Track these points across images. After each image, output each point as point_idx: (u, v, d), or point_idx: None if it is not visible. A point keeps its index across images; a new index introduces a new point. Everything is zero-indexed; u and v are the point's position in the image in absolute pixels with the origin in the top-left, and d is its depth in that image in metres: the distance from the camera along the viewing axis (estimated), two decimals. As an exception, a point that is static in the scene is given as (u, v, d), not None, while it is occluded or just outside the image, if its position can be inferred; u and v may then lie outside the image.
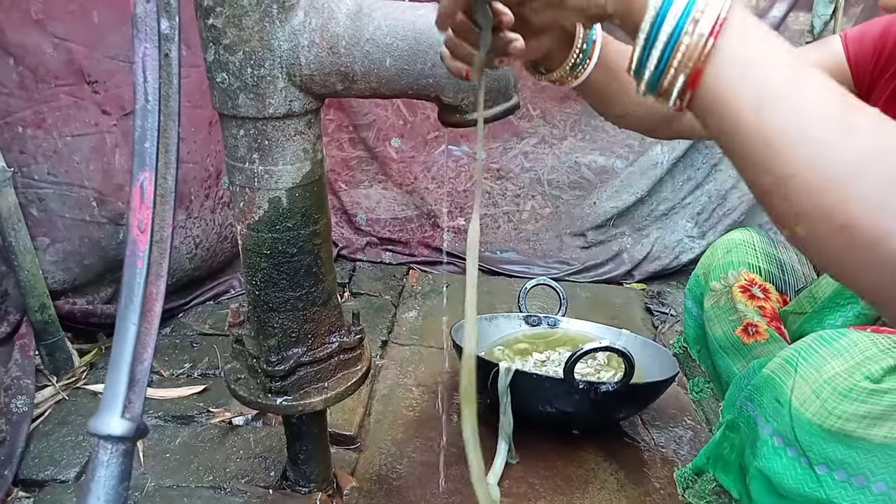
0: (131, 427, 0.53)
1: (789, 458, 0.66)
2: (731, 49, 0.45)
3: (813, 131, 0.44)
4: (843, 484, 0.63)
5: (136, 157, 0.56)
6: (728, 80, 0.45)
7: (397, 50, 0.78)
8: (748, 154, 0.46)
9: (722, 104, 0.46)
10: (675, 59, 0.46)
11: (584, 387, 1.21)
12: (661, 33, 0.46)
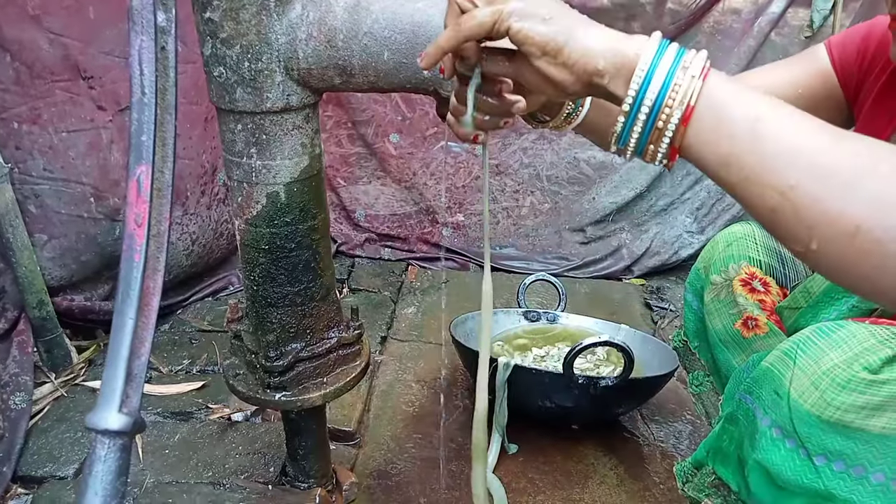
0: (128, 422, 0.53)
1: (788, 449, 0.66)
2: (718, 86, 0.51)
3: (807, 141, 0.49)
4: (842, 475, 0.63)
5: (133, 150, 0.55)
6: (719, 110, 0.51)
7: (395, 43, 0.78)
8: (749, 176, 0.50)
9: (715, 133, 0.51)
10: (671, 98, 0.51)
11: (583, 382, 1.21)
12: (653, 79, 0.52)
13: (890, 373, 0.63)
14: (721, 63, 2.00)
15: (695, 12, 2.00)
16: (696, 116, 0.51)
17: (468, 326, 1.54)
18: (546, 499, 1.20)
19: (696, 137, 0.52)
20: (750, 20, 2.01)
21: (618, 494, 1.22)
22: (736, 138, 0.50)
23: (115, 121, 1.51)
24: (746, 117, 0.50)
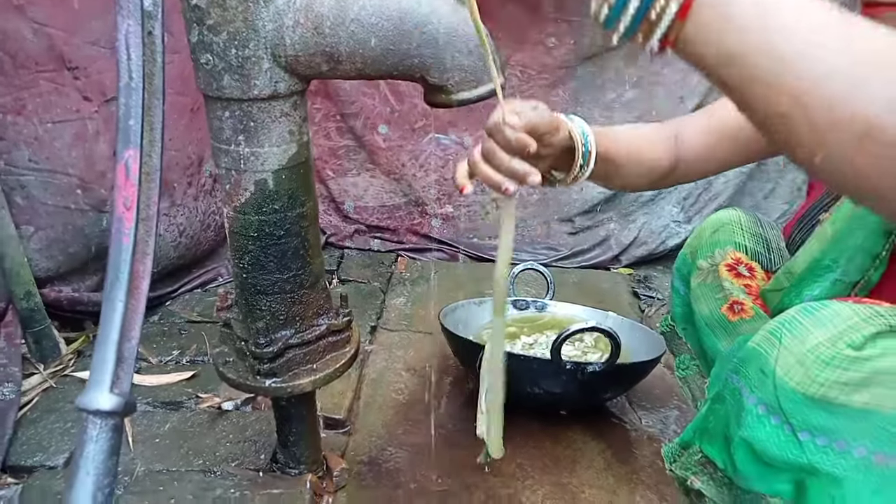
0: (120, 402, 0.53)
1: (773, 425, 0.67)
2: None
3: (825, 39, 0.44)
4: (825, 449, 0.65)
5: (121, 134, 0.56)
6: (724, 7, 0.45)
7: (382, 30, 0.78)
8: (759, 76, 0.45)
9: (723, 27, 0.45)
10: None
11: (571, 367, 1.22)
12: None
13: (872, 349, 0.64)
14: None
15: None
16: (695, 10, 0.46)
17: (457, 315, 1.55)
18: (535, 483, 1.22)
19: (694, 32, 0.47)
20: None
21: (605, 478, 1.24)
22: (745, 34, 0.45)
23: (102, 111, 1.51)
24: (757, 8, 0.45)
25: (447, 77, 0.81)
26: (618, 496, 1.20)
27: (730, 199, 2.13)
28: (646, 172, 0.95)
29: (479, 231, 2.27)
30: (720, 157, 0.99)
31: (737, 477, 0.73)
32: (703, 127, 0.98)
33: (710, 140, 0.97)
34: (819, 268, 0.88)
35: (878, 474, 0.63)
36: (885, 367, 0.63)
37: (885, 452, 0.63)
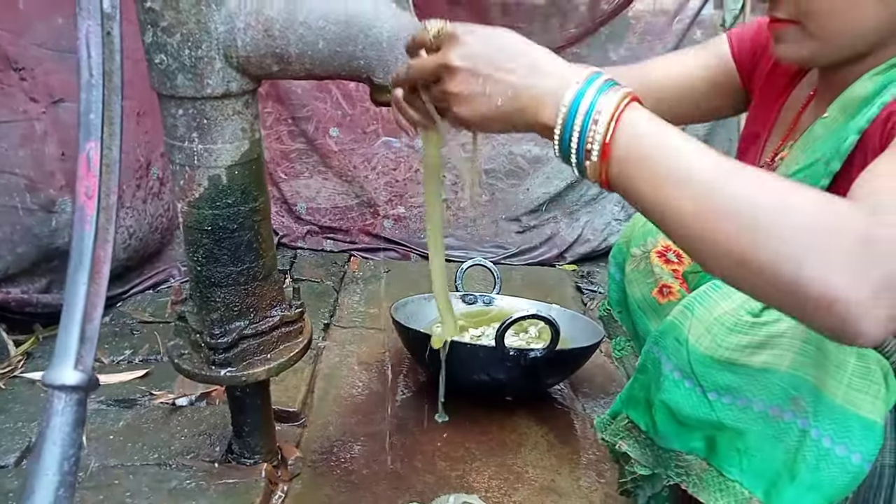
0: (84, 378, 0.57)
1: (687, 388, 0.75)
2: (631, 135, 0.57)
3: (707, 180, 0.55)
4: (730, 406, 0.73)
5: (82, 128, 0.59)
6: (631, 151, 0.57)
7: (330, 33, 0.84)
8: (663, 215, 0.57)
9: (633, 178, 0.57)
10: (592, 137, 0.58)
11: (514, 354, 1.29)
12: (572, 127, 0.59)
13: (769, 316, 0.73)
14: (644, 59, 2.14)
15: (615, 8, 2.12)
16: (612, 160, 0.58)
17: (408, 310, 1.61)
18: (482, 465, 1.28)
19: (616, 182, 0.59)
20: (671, 20, 2.14)
21: (548, 458, 1.31)
22: (649, 183, 0.57)
23: (49, 113, 1.51)
24: (660, 163, 0.56)
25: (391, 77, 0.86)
26: (560, 475, 1.27)
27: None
28: None
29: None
30: (678, 116, 1.05)
31: (657, 437, 0.81)
32: (635, 79, 1.04)
33: (668, 98, 1.05)
34: None
35: (773, 426, 0.72)
36: (779, 330, 0.71)
37: (780, 406, 0.71)
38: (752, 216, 0.52)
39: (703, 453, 0.78)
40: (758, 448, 0.73)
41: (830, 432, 0.71)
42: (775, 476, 0.73)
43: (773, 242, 0.51)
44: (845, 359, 0.73)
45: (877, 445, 0.70)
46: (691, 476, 0.79)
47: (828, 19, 0.76)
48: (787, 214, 0.52)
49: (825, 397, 0.71)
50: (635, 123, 0.57)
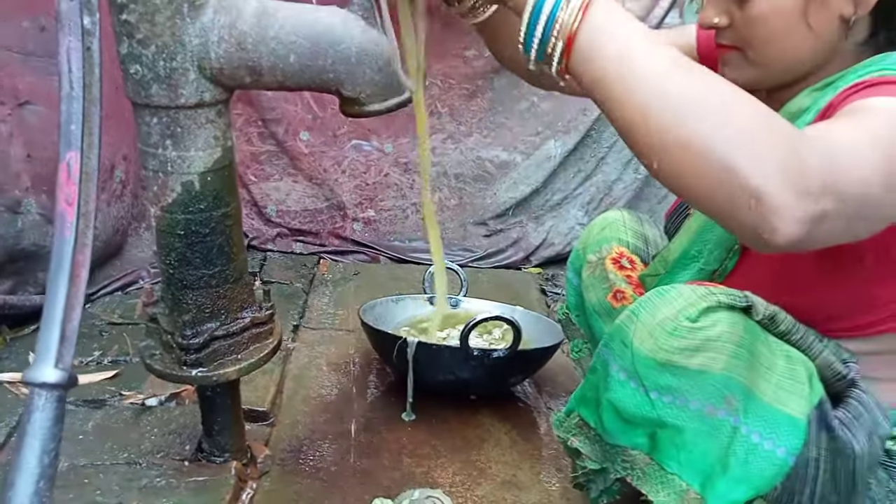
0: (64, 376, 0.60)
1: (631, 388, 0.81)
2: (597, 18, 0.61)
3: (661, 76, 0.59)
4: (670, 405, 0.79)
5: (63, 138, 0.63)
6: (595, 41, 0.61)
7: (300, 48, 0.87)
8: (614, 97, 0.61)
9: (591, 61, 0.61)
10: (555, 30, 0.62)
11: (477, 354, 1.34)
12: (541, 14, 0.62)
13: (705, 321, 0.79)
14: None
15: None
16: (575, 47, 0.62)
17: (377, 311, 1.65)
18: (447, 461, 1.33)
19: (575, 63, 0.63)
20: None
21: (510, 454, 1.36)
22: (607, 65, 0.61)
23: (15, 115, 1.52)
24: (617, 50, 0.60)
25: (359, 90, 0.91)
26: (521, 470, 1.32)
27: (628, 204, 2.33)
28: None
29: (399, 234, 2.37)
30: None
31: (605, 434, 0.87)
32: None
33: None
34: (686, 258, 1.03)
35: (708, 423, 0.78)
36: (713, 335, 0.77)
37: (714, 404, 0.77)
38: (704, 104, 0.57)
39: (646, 449, 0.84)
40: (694, 444, 0.79)
41: (759, 428, 0.77)
42: (710, 469, 0.79)
43: (721, 131, 0.56)
44: (775, 361, 0.80)
45: (800, 440, 0.77)
46: (636, 470, 0.85)
47: (766, 48, 0.83)
48: (736, 108, 0.58)
49: (755, 396, 0.78)
50: (601, 8, 0.62)
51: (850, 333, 0.85)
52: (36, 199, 1.59)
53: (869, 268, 0.78)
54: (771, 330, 0.84)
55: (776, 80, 0.86)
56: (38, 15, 1.52)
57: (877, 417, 0.83)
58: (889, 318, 0.83)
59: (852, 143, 0.61)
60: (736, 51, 0.86)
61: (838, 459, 0.80)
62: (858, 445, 0.80)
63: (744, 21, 0.82)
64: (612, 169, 2.32)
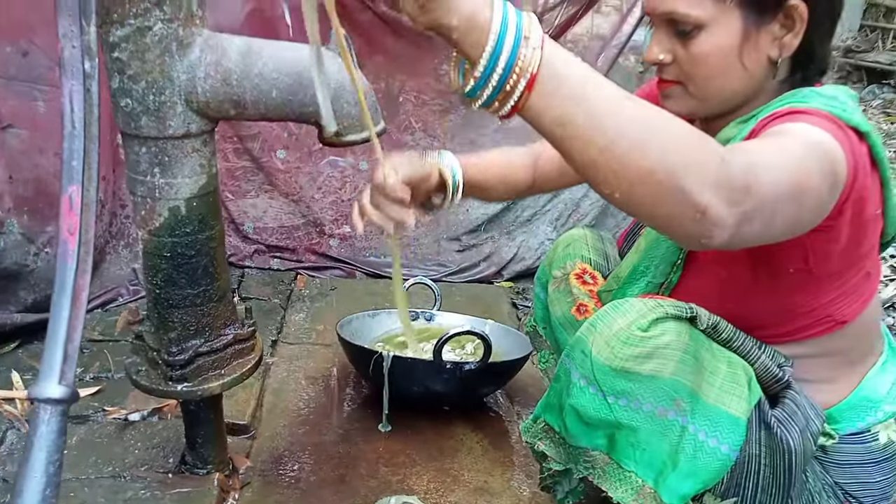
0: (67, 392, 0.66)
1: (591, 394, 0.88)
2: (555, 56, 0.62)
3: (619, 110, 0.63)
4: (626, 408, 0.87)
5: (65, 173, 0.68)
6: (555, 78, 0.62)
7: (282, 84, 0.94)
8: (577, 134, 0.63)
9: (552, 97, 0.62)
10: (517, 68, 0.61)
11: (450, 367, 1.41)
12: (503, 51, 0.60)
13: (654, 331, 0.87)
14: None
15: (554, 33, 2.27)
16: (538, 82, 0.61)
17: (353, 326, 1.70)
18: (421, 469, 1.39)
19: (537, 100, 0.62)
20: (606, 44, 2.31)
21: (482, 462, 1.43)
22: (568, 101, 0.62)
23: (-1, 137, 1.56)
24: (579, 84, 0.63)
25: (337, 122, 0.98)
26: (493, 476, 1.39)
27: (595, 220, 2.42)
28: (510, 190, 1.23)
29: (375, 249, 2.43)
30: (569, 179, 1.26)
31: (568, 436, 0.94)
32: (554, 155, 1.19)
33: (563, 167, 1.18)
34: (636, 273, 1.11)
35: (659, 423, 0.86)
36: (662, 343, 0.86)
37: (664, 406, 0.85)
38: (657, 136, 0.63)
39: (605, 449, 0.91)
40: (648, 443, 0.87)
41: (705, 427, 0.85)
42: (662, 465, 0.87)
43: (672, 158, 0.63)
44: (718, 366, 0.88)
45: (741, 438, 0.85)
46: (596, 469, 0.93)
47: (706, 83, 0.92)
48: (681, 137, 0.64)
49: (700, 399, 0.86)
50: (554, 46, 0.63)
51: (783, 339, 0.94)
52: (18, 219, 1.63)
53: (792, 276, 0.87)
54: (714, 338, 0.92)
55: (712, 111, 0.96)
56: (19, 40, 1.57)
57: (809, 415, 0.91)
58: (814, 323, 0.92)
59: (768, 155, 0.71)
60: (678, 85, 0.95)
61: (776, 454, 0.89)
62: (794, 441, 0.89)
63: (687, 59, 0.91)
64: (578, 186, 2.41)
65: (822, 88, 0.90)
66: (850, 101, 0.88)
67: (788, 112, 0.82)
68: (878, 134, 0.84)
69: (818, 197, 0.74)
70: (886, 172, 0.86)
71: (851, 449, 0.98)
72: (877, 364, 1.00)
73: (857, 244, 0.87)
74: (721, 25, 0.87)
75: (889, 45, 6.48)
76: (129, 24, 0.87)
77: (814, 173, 0.72)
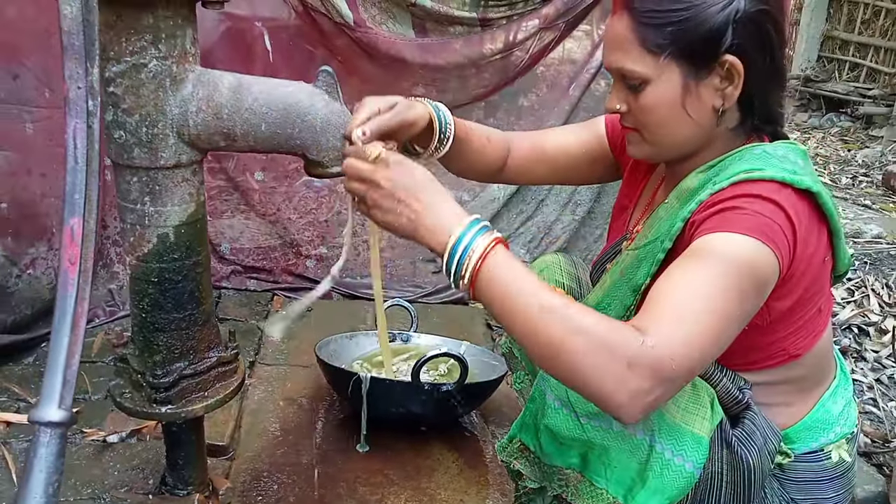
0: (66, 415, 0.68)
1: (564, 414, 0.93)
2: (494, 262, 0.83)
3: (532, 317, 0.80)
4: (597, 427, 0.92)
5: (67, 206, 0.72)
6: (489, 282, 0.83)
7: (271, 118, 0.99)
8: (503, 323, 0.85)
9: (486, 291, 0.84)
10: (464, 268, 0.83)
11: (428, 388, 1.45)
12: (455, 255, 0.84)
13: None
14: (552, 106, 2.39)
15: (530, 60, 2.34)
16: (477, 283, 0.84)
17: (331, 348, 1.74)
18: (399, 489, 1.42)
19: (475, 292, 0.85)
20: (580, 69, 2.38)
21: (458, 481, 1.47)
22: (493, 303, 0.84)
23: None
24: (502, 293, 0.83)
25: (323, 155, 1.02)
26: (468, 495, 1.43)
27: (567, 242, 2.49)
28: (483, 166, 1.27)
29: (351, 271, 2.46)
30: (538, 174, 1.33)
31: (543, 455, 0.99)
32: (528, 149, 1.30)
33: (531, 161, 1.30)
34: (599, 308, 1.17)
35: (629, 442, 0.91)
36: None
37: (633, 426, 0.91)
38: (560, 344, 0.79)
39: (578, 467, 0.96)
40: (618, 461, 0.92)
41: (671, 446, 0.91)
42: (631, 482, 0.92)
43: (577, 374, 0.79)
44: (682, 388, 0.94)
45: (704, 456, 0.91)
46: (570, 487, 0.97)
47: (656, 130, 1.00)
48: (586, 340, 0.78)
49: (666, 418, 0.91)
50: (495, 264, 0.83)
51: (741, 368, 1.01)
52: (2, 241, 1.63)
53: (754, 326, 0.94)
54: None
55: (669, 156, 1.04)
56: (11, 65, 1.59)
57: (767, 435, 0.97)
58: (770, 356, 0.99)
59: (682, 335, 0.80)
60: (635, 131, 1.03)
61: (737, 472, 0.95)
62: (753, 459, 0.95)
63: (637, 109, 0.99)
64: (551, 210, 2.49)
65: (774, 148, 0.97)
66: (801, 159, 0.96)
67: (726, 205, 0.88)
68: (827, 191, 0.92)
69: (741, 318, 0.85)
70: (836, 224, 0.93)
71: (806, 467, 1.05)
72: (829, 388, 1.07)
73: (806, 290, 0.94)
74: (663, 80, 0.95)
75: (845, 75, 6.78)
76: (125, 62, 0.91)
77: (733, 307, 0.83)
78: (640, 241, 1.02)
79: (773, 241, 0.85)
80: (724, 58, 0.92)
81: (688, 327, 0.80)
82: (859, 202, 3.94)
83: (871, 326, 2.26)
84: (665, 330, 0.79)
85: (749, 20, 0.92)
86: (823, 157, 5.14)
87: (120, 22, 0.91)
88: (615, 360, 0.77)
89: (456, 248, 0.83)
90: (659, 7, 0.92)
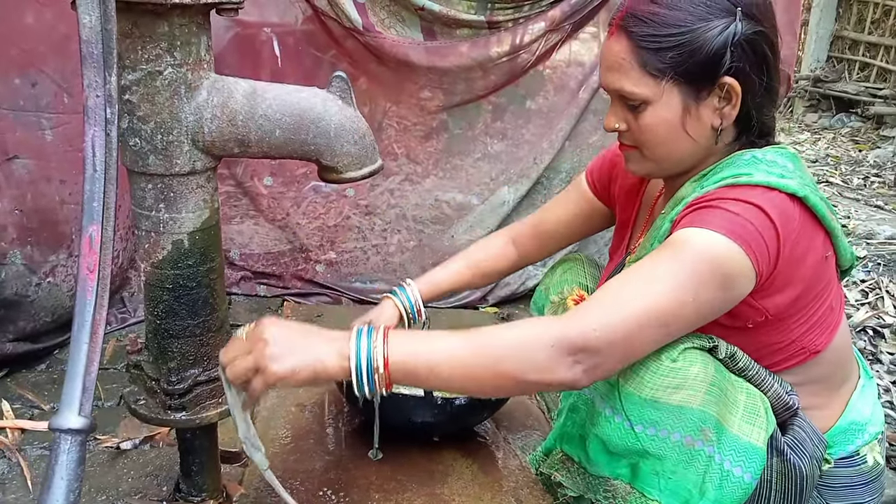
0: (86, 422, 0.68)
1: (617, 423, 0.93)
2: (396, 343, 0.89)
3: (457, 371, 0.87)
4: (653, 437, 0.91)
5: (86, 213, 0.72)
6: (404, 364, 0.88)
7: (285, 124, 0.99)
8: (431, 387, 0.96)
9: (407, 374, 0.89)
10: (374, 365, 0.88)
11: (441, 402, 1.44)
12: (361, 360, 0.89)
13: (684, 361, 0.91)
14: (562, 109, 2.38)
15: (535, 62, 2.34)
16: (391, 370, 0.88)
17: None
18: (412, 495, 1.42)
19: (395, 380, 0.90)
20: (588, 73, 2.37)
21: (472, 487, 1.46)
22: (420, 378, 0.89)
23: (3, 169, 1.57)
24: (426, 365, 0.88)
25: (337, 161, 1.02)
26: (483, 501, 1.42)
27: (577, 246, 2.48)
28: (493, 278, 1.48)
29: (361, 275, 2.46)
30: (551, 248, 1.42)
31: (590, 465, 0.98)
32: (531, 233, 1.40)
33: (539, 246, 1.41)
34: None
35: (686, 452, 0.90)
36: (692, 373, 0.90)
37: (692, 436, 0.90)
38: (495, 374, 0.85)
39: (626, 478, 0.95)
40: (674, 472, 0.91)
41: (730, 457, 0.90)
42: (688, 494, 0.91)
43: (516, 376, 0.84)
44: (737, 396, 0.93)
45: (761, 465, 0.90)
46: (617, 498, 0.96)
47: (656, 149, 1.01)
48: (515, 359, 0.84)
49: (725, 428, 0.91)
50: (398, 351, 0.88)
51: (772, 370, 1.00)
52: (21, 250, 1.64)
53: (756, 327, 0.94)
54: (730, 367, 0.97)
55: (667, 172, 1.06)
56: (29, 72, 1.59)
57: (815, 441, 0.97)
58: (791, 356, 0.98)
59: (604, 309, 0.86)
60: (634, 149, 1.03)
61: (788, 480, 0.95)
62: (805, 467, 0.94)
63: (637, 128, 1.00)
64: (561, 214, 2.48)
65: (763, 153, 0.97)
66: (790, 162, 0.96)
67: (708, 203, 0.90)
68: (815, 193, 0.92)
69: (696, 306, 0.87)
70: (831, 223, 0.93)
71: (844, 473, 1.04)
72: (857, 388, 1.07)
73: (810, 288, 0.94)
74: (663, 102, 0.96)
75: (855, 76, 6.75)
76: (140, 69, 0.92)
77: (683, 293, 0.85)
78: (641, 252, 1.03)
79: (746, 242, 0.85)
80: (723, 80, 0.93)
81: (612, 300, 0.85)
82: (871, 203, 3.92)
83: (887, 328, 2.24)
84: (585, 307, 0.85)
85: (746, 42, 0.93)
86: (835, 157, 5.12)
87: (136, 30, 0.91)
88: (541, 349, 0.82)
89: (359, 357, 0.88)
90: (658, 32, 0.93)
